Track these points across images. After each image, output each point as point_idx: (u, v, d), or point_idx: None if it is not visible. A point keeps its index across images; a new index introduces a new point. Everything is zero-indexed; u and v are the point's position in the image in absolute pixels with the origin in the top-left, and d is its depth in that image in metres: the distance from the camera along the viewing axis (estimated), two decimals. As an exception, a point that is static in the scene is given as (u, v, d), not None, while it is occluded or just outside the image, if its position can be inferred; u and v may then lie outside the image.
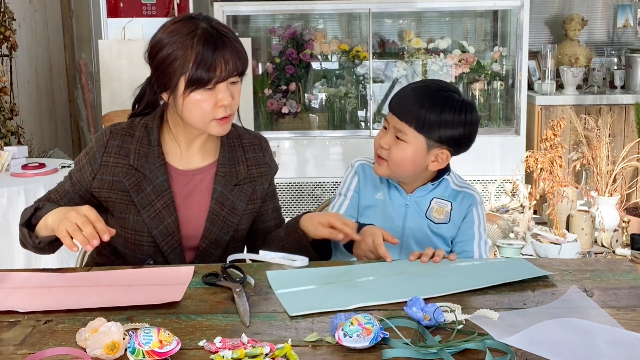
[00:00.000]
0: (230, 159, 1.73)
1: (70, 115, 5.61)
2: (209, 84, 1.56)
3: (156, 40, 1.60)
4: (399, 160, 1.73)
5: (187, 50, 1.54)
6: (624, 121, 4.73)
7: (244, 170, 1.74)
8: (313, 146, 4.61)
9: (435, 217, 1.80)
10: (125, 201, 1.66)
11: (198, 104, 1.58)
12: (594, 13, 5.34)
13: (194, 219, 1.69)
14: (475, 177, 4.60)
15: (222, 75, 1.55)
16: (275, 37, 4.78)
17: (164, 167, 1.67)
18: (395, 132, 1.72)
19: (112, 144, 1.68)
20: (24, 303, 1.33)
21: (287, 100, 4.67)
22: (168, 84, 1.59)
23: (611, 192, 4.26)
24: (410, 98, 1.71)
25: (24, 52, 4.67)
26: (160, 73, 1.59)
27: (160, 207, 1.65)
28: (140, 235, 1.66)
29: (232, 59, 1.56)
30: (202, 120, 1.60)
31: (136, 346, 1.09)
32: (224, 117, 1.60)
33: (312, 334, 1.18)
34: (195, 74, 1.54)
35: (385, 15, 4.95)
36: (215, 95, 1.57)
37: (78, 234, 1.42)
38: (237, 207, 1.71)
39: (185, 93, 1.57)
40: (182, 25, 1.58)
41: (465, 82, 4.75)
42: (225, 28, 1.61)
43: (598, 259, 1.64)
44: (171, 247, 1.67)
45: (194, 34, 1.55)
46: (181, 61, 1.55)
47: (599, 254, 4.01)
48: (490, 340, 1.12)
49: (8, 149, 3.34)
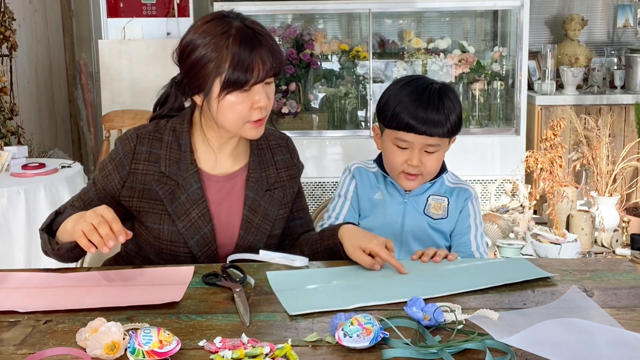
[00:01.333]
0: (260, 162, 1.68)
1: (70, 115, 5.61)
2: (245, 86, 1.49)
3: (188, 42, 1.53)
4: (434, 169, 1.80)
5: (222, 51, 1.48)
6: (624, 121, 4.73)
7: (274, 175, 1.69)
8: (313, 146, 4.61)
9: (433, 213, 1.83)
10: (159, 210, 1.59)
11: (233, 106, 1.52)
12: (594, 13, 5.34)
13: (228, 226, 1.64)
14: (475, 177, 4.59)
15: (259, 76, 1.49)
16: (275, 37, 4.78)
17: (198, 174, 1.61)
18: (423, 147, 1.75)
19: (140, 150, 1.60)
20: (24, 303, 1.33)
21: (287, 100, 4.67)
22: (202, 87, 1.52)
23: (611, 192, 4.26)
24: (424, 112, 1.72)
25: (24, 52, 4.67)
26: (193, 75, 1.53)
27: (195, 217, 1.59)
28: (176, 246, 1.60)
29: (269, 59, 1.50)
30: (237, 123, 1.54)
31: (136, 346, 1.09)
32: (259, 119, 1.55)
33: (312, 334, 1.18)
34: (231, 75, 1.48)
35: (385, 15, 4.95)
36: (251, 97, 1.52)
37: (94, 234, 1.36)
38: (269, 213, 1.66)
39: (220, 96, 1.50)
40: (214, 24, 1.51)
41: (465, 82, 4.75)
42: (259, 26, 1.54)
43: (598, 259, 1.64)
44: (208, 257, 1.61)
45: (229, 34, 1.49)
46: (216, 63, 1.48)
47: (599, 254, 4.01)
48: (490, 340, 1.12)
49: (8, 149, 3.34)
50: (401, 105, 1.74)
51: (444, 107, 1.73)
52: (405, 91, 1.76)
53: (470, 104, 4.77)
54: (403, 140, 1.75)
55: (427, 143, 1.74)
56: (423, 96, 1.74)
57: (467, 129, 4.72)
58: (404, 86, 1.78)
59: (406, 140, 1.74)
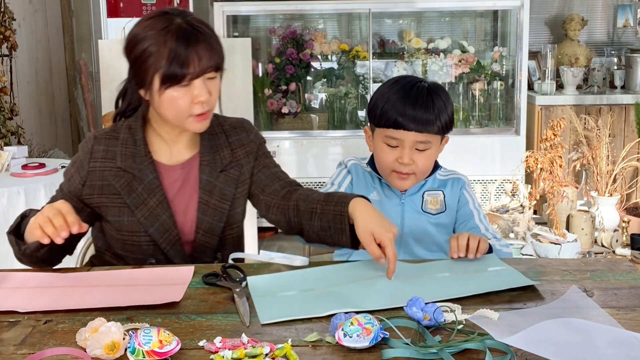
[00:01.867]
0: (212, 146, 1.71)
1: (70, 115, 5.61)
2: (182, 81, 1.54)
3: (132, 36, 1.58)
4: (426, 168, 1.80)
5: (161, 47, 1.52)
6: (624, 121, 4.73)
7: (229, 155, 1.71)
8: (313, 146, 4.61)
9: (431, 208, 1.83)
10: (118, 203, 1.65)
11: (174, 100, 1.56)
12: (594, 13, 5.34)
13: (187, 212, 1.69)
14: (475, 177, 4.60)
15: (195, 71, 1.53)
16: (275, 37, 4.78)
17: (152, 165, 1.66)
18: (414, 145, 1.74)
19: (97, 149, 1.67)
20: (24, 303, 1.33)
21: (287, 100, 4.67)
22: (144, 81, 1.57)
23: (611, 192, 4.26)
24: (413, 109, 1.72)
25: (24, 52, 4.67)
26: (137, 70, 1.58)
27: (153, 205, 1.65)
28: (137, 236, 1.65)
29: (206, 54, 1.54)
30: (179, 117, 1.59)
31: (136, 346, 1.09)
32: (201, 113, 1.59)
33: (312, 334, 1.18)
34: (168, 70, 1.52)
35: (385, 15, 4.95)
36: (191, 91, 1.55)
37: (48, 225, 1.43)
38: (226, 193, 1.69)
39: (160, 90, 1.55)
40: (156, 20, 1.56)
41: (465, 82, 4.75)
42: (200, 23, 1.59)
43: (598, 259, 1.64)
44: (170, 243, 1.66)
45: (168, 30, 1.53)
46: (155, 57, 1.53)
47: (599, 254, 4.01)
48: (490, 340, 1.12)
49: (8, 149, 3.34)
50: (390, 103, 1.74)
51: (433, 104, 1.73)
52: (393, 89, 1.77)
53: (470, 104, 4.77)
54: (393, 137, 1.75)
55: (417, 140, 1.74)
56: (411, 93, 1.74)
57: (467, 129, 4.72)
58: (392, 85, 1.79)
59: (396, 138, 1.74)
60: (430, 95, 1.74)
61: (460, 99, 4.76)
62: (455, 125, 4.66)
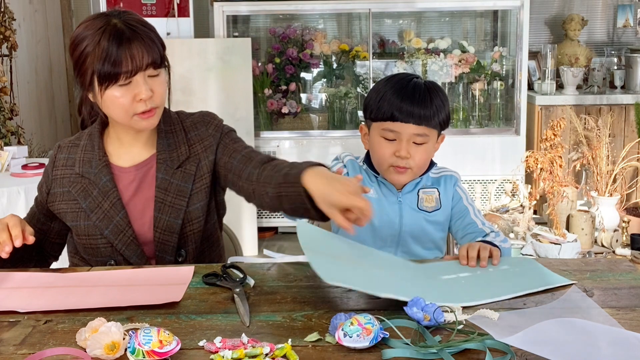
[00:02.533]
0: (170, 144, 1.70)
1: (70, 115, 5.61)
2: (118, 80, 1.54)
3: (74, 37, 1.59)
4: (423, 163, 1.80)
5: (95, 47, 1.54)
6: (624, 121, 4.73)
7: (186, 151, 1.70)
8: (313, 146, 4.61)
9: (427, 206, 1.84)
10: (75, 209, 1.67)
11: (115, 100, 1.56)
12: (594, 13, 5.34)
13: (144, 212, 1.69)
14: (475, 177, 4.60)
15: (129, 69, 1.53)
16: (275, 37, 4.78)
17: (107, 167, 1.68)
18: (411, 138, 1.75)
19: (59, 158, 1.73)
20: (24, 303, 1.33)
21: (287, 100, 4.67)
22: (85, 83, 1.58)
23: (611, 192, 4.26)
24: (410, 102, 1.73)
25: (24, 52, 4.67)
26: (78, 71, 1.59)
27: (107, 207, 1.66)
28: (94, 239, 1.67)
29: (139, 52, 1.54)
30: (123, 116, 1.59)
31: (136, 346, 1.09)
32: (145, 111, 1.58)
33: (312, 334, 1.18)
34: (102, 70, 1.53)
35: (385, 15, 4.95)
36: (132, 90, 1.56)
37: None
38: (183, 189, 1.68)
39: (100, 90, 1.56)
40: (94, 21, 1.57)
41: (465, 82, 4.75)
42: (136, 22, 1.58)
43: (598, 259, 1.64)
44: (125, 243, 1.66)
45: (103, 30, 1.54)
46: (91, 58, 1.54)
47: (599, 254, 4.01)
48: (490, 340, 1.12)
49: (8, 149, 3.34)
50: (387, 97, 1.75)
51: (429, 98, 1.75)
52: (389, 84, 1.78)
53: (470, 104, 4.77)
54: (390, 130, 1.75)
55: (414, 133, 1.74)
56: (407, 87, 1.76)
57: (467, 129, 4.72)
58: (388, 80, 1.81)
59: (393, 131, 1.75)
60: (428, 90, 1.76)
61: (460, 99, 4.76)
62: (455, 125, 4.70)
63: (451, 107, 4.73)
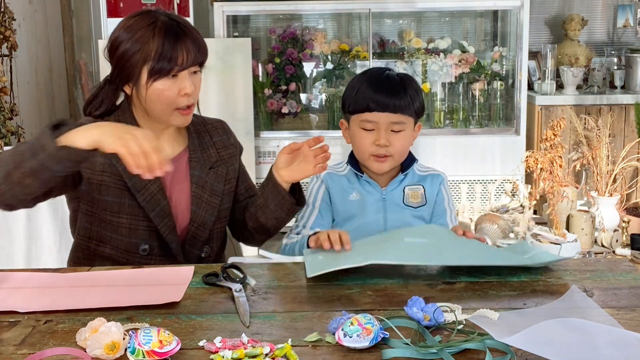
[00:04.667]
0: (200, 144, 1.77)
1: (70, 115, 5.60)
2: (170, 72, 1.59)
3: (116, 36, 1.64)
4: (403, 149, 1.85)
5: (149, 41, 1.58)
6: (624, 121, 4.73)
7: (215, 154, 1.78)
8: (313, 146, 4.60)
9: (412, 202, 1.89)
10: (120, 185, 1.65)
11: (161, 93, 1.60)
12: (594, 13, 5.34)
13: (180, 203, 1.72)
14: (475, 177, 4.60)
15: (183, 63, 1.59)
16: (275, 37, 4.78)
17: None
18: (389, 127, 1.80)
19: None
20: (24, 303, 1.33)
21: (287, 100, 4.66)
22: (131, 76, 1.61)
23: (611, 192, 4.26)
24: (384, 92, 1.80)
25: (24, 52, 4.67)
26: (122, 66, 1.62)
27: (154, 191, 1.67)
28: (136, 220, 1.67)
29: (193, 48, 1.61)
30: (165, 110, 1.62)
31: (136, 346, 1.09)
32: (186, 107, 1.63)
33: (312, 334, 1.18)
34: (157, 62, 1.57)
35: (385, 15, 4.95)
36: (177, 84, 1.60)
37: (140, 157, 1.36)
38: (216, 189, 1.75)
39: (147, 83, 1.59)
40: (141, 19, 1.62)
41: (465, 82, 4.75)
42: (184, 20, 1.66)
43: (598, 259, 1.64)
44: (168, 228, 1.68)
45: (155, 25, 1.59)
46: (143, 52, 1.58)
47: (599, 254, 4.01)
48: (490, 340, 1.12)
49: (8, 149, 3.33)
50: (361, 90, 1.82)
51: (404, 88, 1.81)
52: (363, 78, 1.85)
53: (470, 104, 4.77)
54: (368, 121, 1.81)
55: (391, 121, 1.80)
56: (381, 78, 1.83)
57: (467, 129, 4.72)
58: (362, 75, 1.88)
59: (371, 121, 1.81)
60: (401, 80, 1.84)
61: (460, 99, 4.76)
62: (455, 125, 4.70)
63: (451, 107, 4.75)
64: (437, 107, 4.73)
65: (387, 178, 1.90)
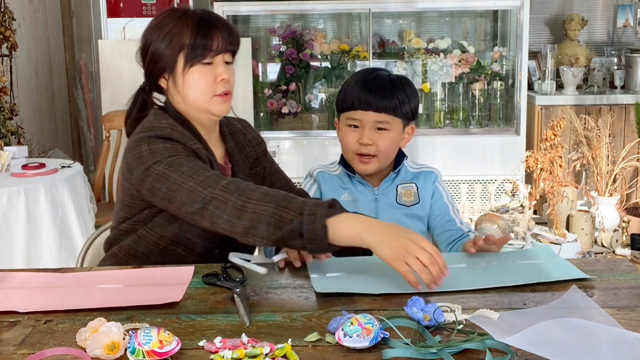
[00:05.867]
0: (237, 145, 1.77)
1: (70, 115, 5.60)
2: (207, 56, 1.60)
3: (148, 36, 1.65)
4: (387, 150, 1.83)
5: (183, 30, 1.60)
6: (624, 121, 4.73)
7: (252, 153, 1.79)
8: (313, 146, 4.61)
9: (406, 200, 1.88)
10: None
11: (198, 80, 1.61)
12: (594, 13, 5.34)
13: None
14: (475, 177, 4.60)
15: (218, 48, 1.61)
16: (275, 37, 4.78)
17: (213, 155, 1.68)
18: (374, 125, 1.80)
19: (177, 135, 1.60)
20: (24, 303, 1.33)
21: (287, 100, 4.67)
22: (166, 66, 1.63)
23: (611, 192, 4.26)
24: (369, 91, 1.80)
25: (24, 52, 4.67)
26: (157, 59, 1.63)
27: None
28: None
29: (227, 35, 1.63)
30: (203, 97, 1.62)
31: (136, 346, 1.09)
32: (224, 92, 1.63)
33: (312, 334, 1.18)
34: (192, 49, 1.59)
35: (385, 15, 4.95)
36: (213, 70, 1.62)
37: (424, 272, 1.31)
38: None
39: (184, 70, 1.61)
40: (170, 14, 1.64)
41: (465, 82, 4.75)
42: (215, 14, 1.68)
43: (598, 259, 1.64)
44: None
45: (187, 16, 1.62)
46: (178, 39, 1.60)
47: (599, 254, 4.02)
48: (490, 340, 1.12)
49: (8, 149, 3.33)
50: (349, 89, 1.83)
51: (392, 88, 1.80)
52: (353, 78, 1.87)
53: (470, 104, 4.77)
54: (353, 119, 1.82)
55: (376, 120, 1.80)
56: (368, 78, 1.83)
57: (467, 129, 4.72)
58: (353, 75, 1.89)
59: (356, 119, 1.81)
60: (391, 81, 1.82)
61: (460, 99, 4.76)
62: (455, 125, 4.70)
63: (451, 107, 4.75)
64: (437, 107, 4.73)
65: (378, 177, 1.89)
